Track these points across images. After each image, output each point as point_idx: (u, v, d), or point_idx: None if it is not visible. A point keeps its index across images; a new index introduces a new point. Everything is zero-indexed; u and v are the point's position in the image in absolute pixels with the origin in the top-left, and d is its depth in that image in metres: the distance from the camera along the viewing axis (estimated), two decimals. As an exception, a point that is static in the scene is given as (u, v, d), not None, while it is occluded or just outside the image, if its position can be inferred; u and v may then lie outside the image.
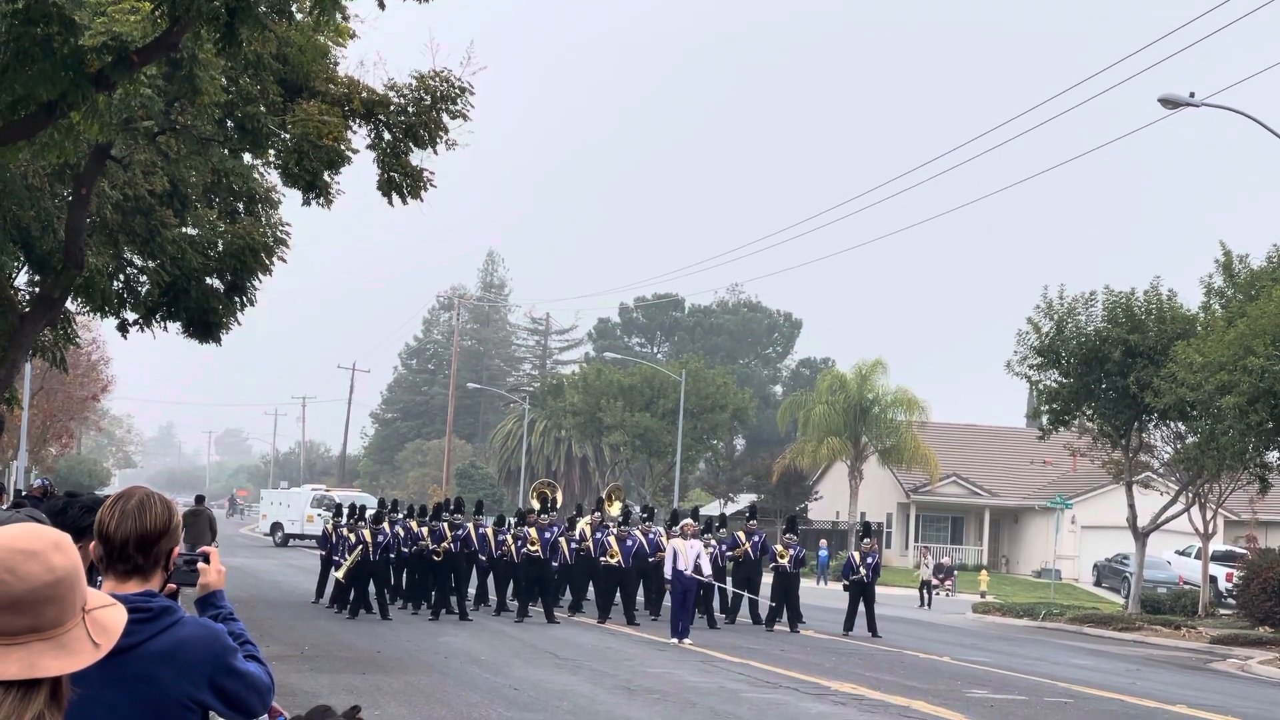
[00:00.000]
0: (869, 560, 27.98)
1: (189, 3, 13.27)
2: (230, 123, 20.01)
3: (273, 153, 20.93)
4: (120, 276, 24.15)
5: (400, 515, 29.69)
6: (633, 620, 26.72)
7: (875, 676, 19.05)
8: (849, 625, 27.57)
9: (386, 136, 20.42)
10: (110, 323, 24.67)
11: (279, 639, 20.17)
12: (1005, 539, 65.41)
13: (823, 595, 39.52)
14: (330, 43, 20.32)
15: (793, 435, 71.01)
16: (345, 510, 29.77)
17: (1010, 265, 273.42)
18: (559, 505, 35.42)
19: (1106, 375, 35.09)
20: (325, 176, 20.37)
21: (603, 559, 27.70)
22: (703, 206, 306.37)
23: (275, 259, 23.78)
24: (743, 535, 28.97)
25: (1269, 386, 27.75)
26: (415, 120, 20.10)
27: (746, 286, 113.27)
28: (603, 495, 36.71)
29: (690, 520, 26.93)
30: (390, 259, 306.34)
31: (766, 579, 28.82)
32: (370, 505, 37.56)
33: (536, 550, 26.52)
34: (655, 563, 27.55)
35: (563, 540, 27.78)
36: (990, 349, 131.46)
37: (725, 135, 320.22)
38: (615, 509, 34.37)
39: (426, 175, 20.58)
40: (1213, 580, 40.00)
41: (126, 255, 23.79)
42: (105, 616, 2.36)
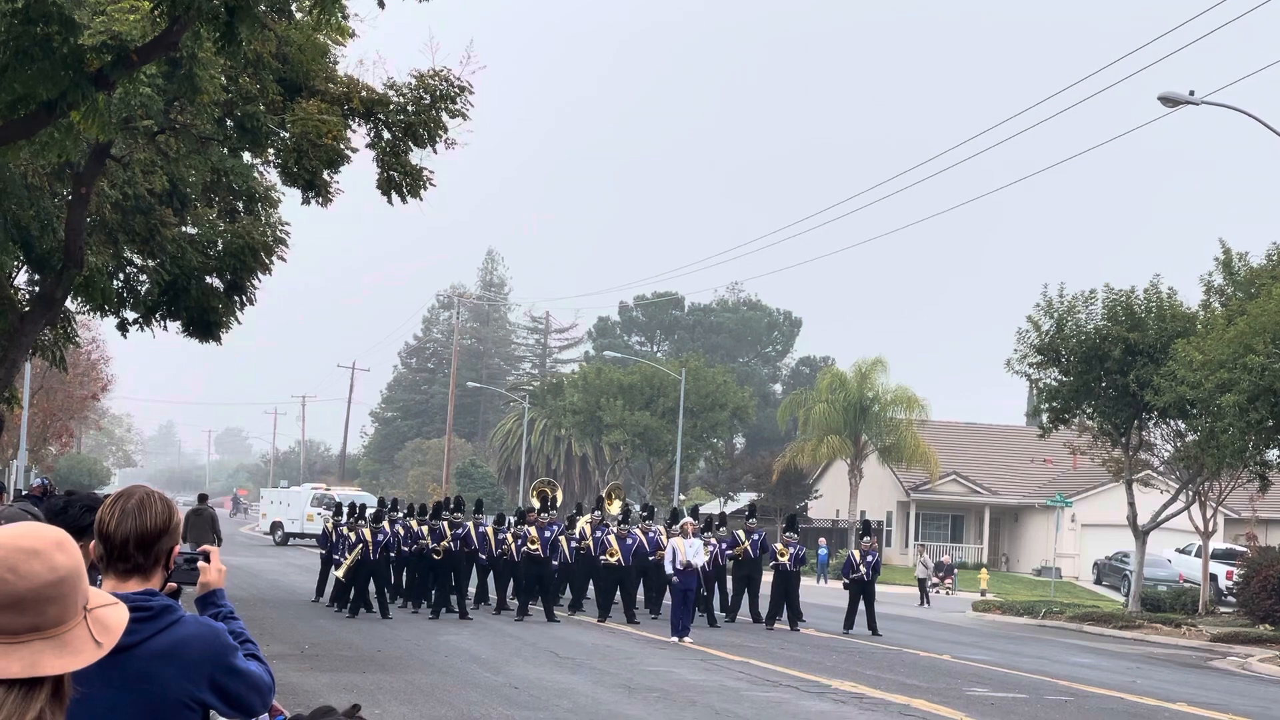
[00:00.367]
0: (869, 559, 28.01)
1: (188, 2, 13.27)
2: (230, 122, 20.02)
3: (272, 152, 20.94)
4: (120, 276, 24.15)
5: (400, 514, 29.69)
6: (633, 619, 26.73)
7: (875, 675, 19.05)
8: (849, 624, 27.59)
9: (386, 135, 20.43)
10: (110, 322, 24.70)
11: (279, 638, 20.17)
12: (1005, 537, 65.42)
13: (823, 594, 39.52)
14: (330, 42, 20.31)
15: (793, 434, 71.05)
16: (345, 509, 29.75)
17: (1010, 263, 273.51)
18: (559, 504, 35.42)
19: (1107, 373, 35.08)
20: (325, 175, 20.40)
21: (603, 558, 27.69)
22: (702, 205, 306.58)
23: (275, 258, 23.80)
24: (743, 534, 28.98)
25: (1269, 384, 27.76)
26: (415, 119, 20.11)
27: (746, 285, 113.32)
28: (603, 494, 36.72)
29: (690, 519, 26.93)
30: (389, 258, 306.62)
31: (767, 577, 28.82)
32: (370, 504, 37.58)
33: (536, 549, 26.52)
34: (655, 561, 27.56)
35: (563, 539, 27.79)
36: (990, 347, 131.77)
37: (725, 134, 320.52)
38: (615, 508, 34.38)
39: (426, 174, 20.59)
40: (1213, 578, 39.98)
41: (126, 254, 23.80)
42: (107, 615, 2.35)
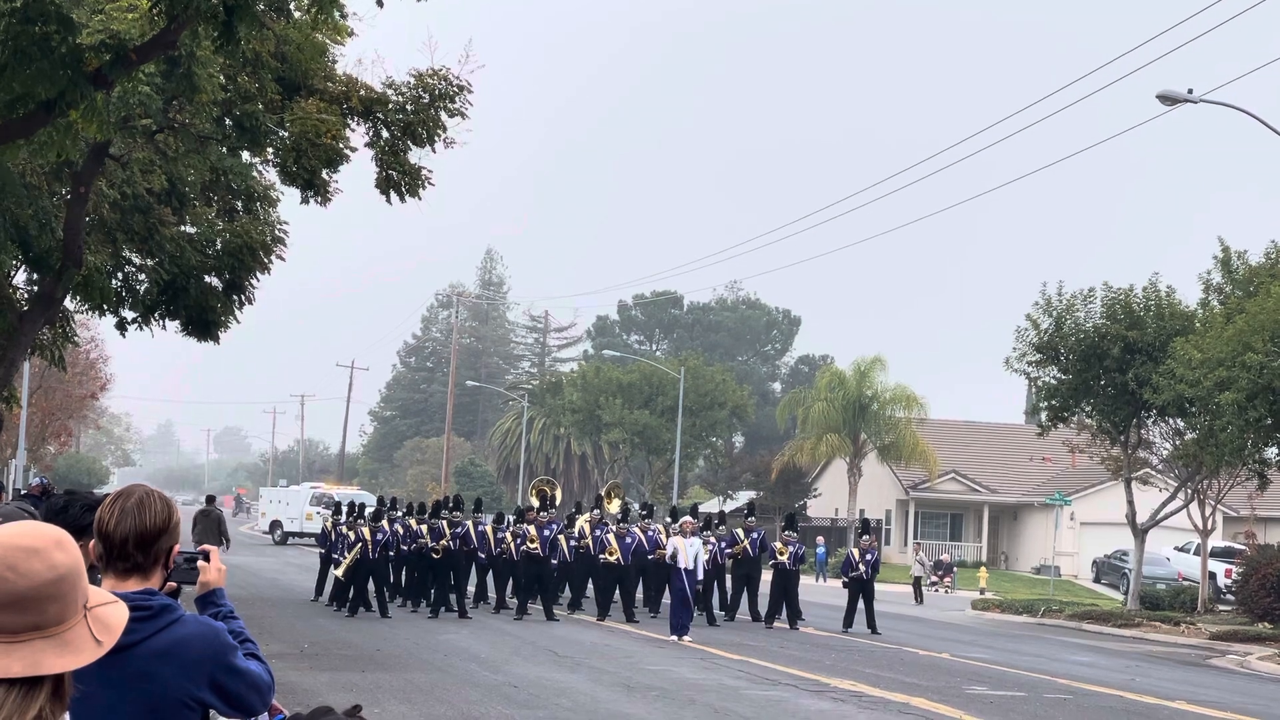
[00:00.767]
0: (868, 557, 28.01)
1: (187, 1, 13.26)
2: (228, 121, 20.01)
3: (271, 151, 20.93)
4: (119, 275, 24.14)
5: (399, 513, 29.69)
6: (632, 617, 26.72)
7: (875, 673, 19.06)
8: (848, 622, 27.60)
9: (385, 135, 20.42)
10: (109, 321, 24.70)
11: (279, 637, 20.18)
12: (1004, 535, 65.43)
13: (822, 592, 39.53)
14: (328, 41, 20.31)
15: (791, 432, 71.04)
16: (344, 508, 29.77)
17: (1009, 261, 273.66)
18: (558, 503, 35.44)
19: (1105, 372, 35.08)
20: (323, 175, 20.39)
21: (602, 556, 27.69)
22: (701, 204, 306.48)
23: (273, 257, 23.80)
24: (741, 532, 28.99)
25: (1267, 383, 27.77)
26: (413, 118, 20.10)
27: (745, 283, 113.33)
28: (602, 493, 36.72)
29: (689, 517, 26.94)
30: (388, 257, 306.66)
31: (766, 576, 28.83)
32: (369, 503, 37.59)
33: (536, 548, 26.53)
34: (655, 560, 27.56)
35: (562, 538, 27.79)
36: (989, 346, 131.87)
37: (724, 133, 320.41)
38: (614, 506, 34.39)
39: (425, 173, 20.58)
40: (1211, 576, 39.99)
41: (125, 254, 23.79)
42: (107, 614, 2.35)
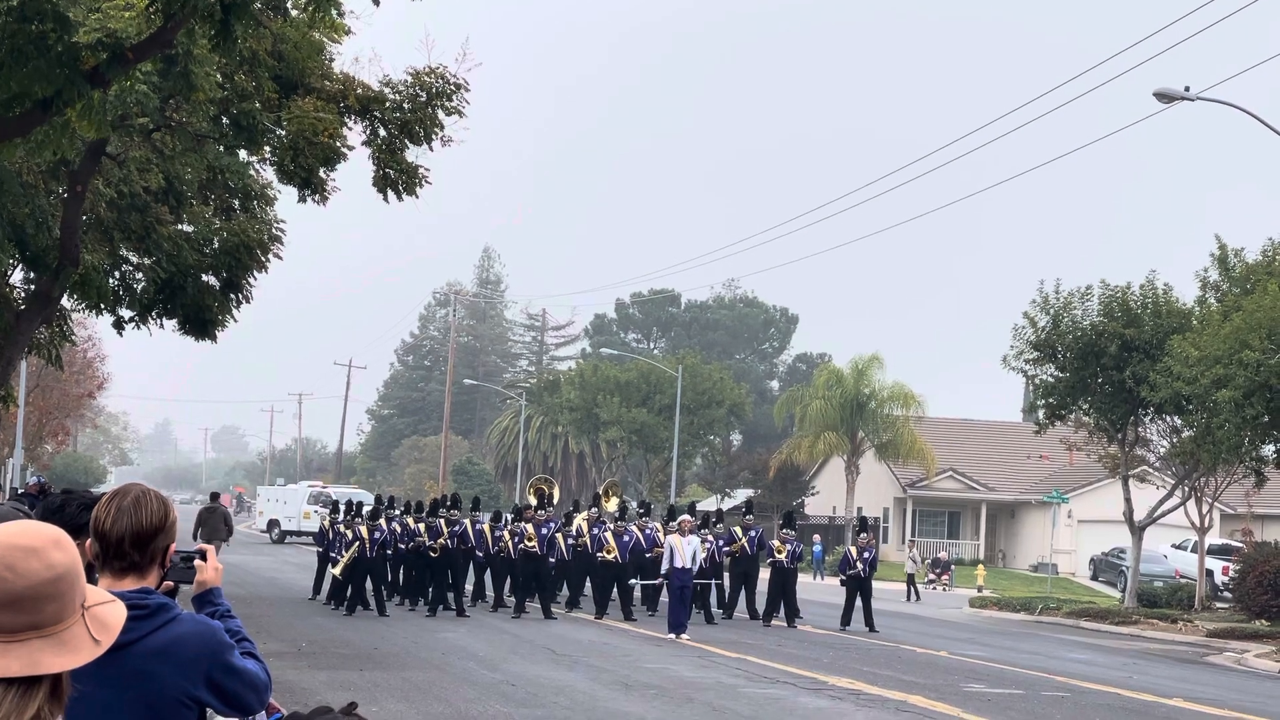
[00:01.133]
0: (866, 555, 28.02)
1: (184, -1, 13.26)
2: (225, 119, 19.99)
3: (268, 149, 20.91)
4: (116, 274, 24.12)
5: (397, 511, 29.69)
6: (630, 616, 26.73)
7: (872, 671, 19.07)
8: (846, 620, 27.62)
9: (382, 133, 20.41)
10: (106, 320, 24.70)
11: (276, 636, 20.17)
12: (1002, 533, 65.45)
13: (819, 590, 39.54)
14: (325, 39, 20.29)
15: (789, 430, 71.02)
16: (342, 507, 29.77)
17: (1006, 260, 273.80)
18: (556, 501, 35.43)
19: (1103, 369, 35.09)
20: (320, 173, 20.36)
21: (600, 555, 27.69)
22: (699, 203, 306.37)
23: (271, 256, 23.80)
24: (739, 531, 28.99)
25: (1265, 380, 27.79)
26: (411, 117, 20.09)
27: (743, 282, 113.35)
28: (600, 491, 36.72)
29: (687, 516, 26.93)
30: (386, 255, 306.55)
31: (764, 574, 28.85)
32: (367, 502, 37.56)
33: (533, 546, 26.53)
34: (653, 558, 27.57)
35: (560, 536, 27.78)
36: (986, 344, 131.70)
37: (723, 132, 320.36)
38: (612, 505, 34.41)
39: (422, 172, 20.57)
40: (1209, 574, 40.01)
41: (122, 252, 23.78)
42: (105, 613, 2.35)
